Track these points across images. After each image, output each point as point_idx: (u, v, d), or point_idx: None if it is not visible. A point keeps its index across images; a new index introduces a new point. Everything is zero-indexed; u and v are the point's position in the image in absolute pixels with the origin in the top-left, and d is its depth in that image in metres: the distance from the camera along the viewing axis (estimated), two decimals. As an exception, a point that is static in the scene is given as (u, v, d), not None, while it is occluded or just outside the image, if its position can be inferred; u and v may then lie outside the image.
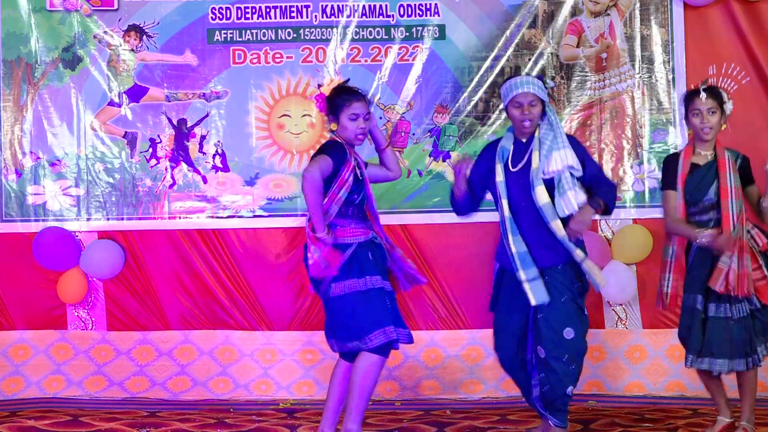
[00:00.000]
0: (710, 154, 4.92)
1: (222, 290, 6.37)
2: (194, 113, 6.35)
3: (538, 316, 4.71)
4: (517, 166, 4.77)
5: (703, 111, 4.87)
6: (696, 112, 4.90)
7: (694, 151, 4.95)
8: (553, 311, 4.69)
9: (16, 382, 6.28)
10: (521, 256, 4.70)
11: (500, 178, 4.77)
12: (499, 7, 6.29)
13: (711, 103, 4.87)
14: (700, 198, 4.89)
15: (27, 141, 6.33)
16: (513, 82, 4.77)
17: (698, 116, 4.89)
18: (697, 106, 4.89)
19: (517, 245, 4.71)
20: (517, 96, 4.72)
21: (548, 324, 4.69)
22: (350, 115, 4.68)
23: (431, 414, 5.71)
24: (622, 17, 6.28)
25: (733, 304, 4.82)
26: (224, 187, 6.34)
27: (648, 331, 6.27)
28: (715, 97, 4.89)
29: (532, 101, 4.72)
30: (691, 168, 4.92)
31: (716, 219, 4.86)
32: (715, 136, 4.90)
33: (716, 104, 4.88)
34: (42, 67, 6.30)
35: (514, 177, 4.77)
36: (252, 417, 5.65)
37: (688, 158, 4.95)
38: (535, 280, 4.68)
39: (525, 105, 4.71)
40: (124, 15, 6.31)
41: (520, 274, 4.69)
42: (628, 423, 5.36)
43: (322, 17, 6.32)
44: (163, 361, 6.33)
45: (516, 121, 4.76)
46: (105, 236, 6.34)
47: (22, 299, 6.34)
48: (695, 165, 4.93)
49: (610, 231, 6.31)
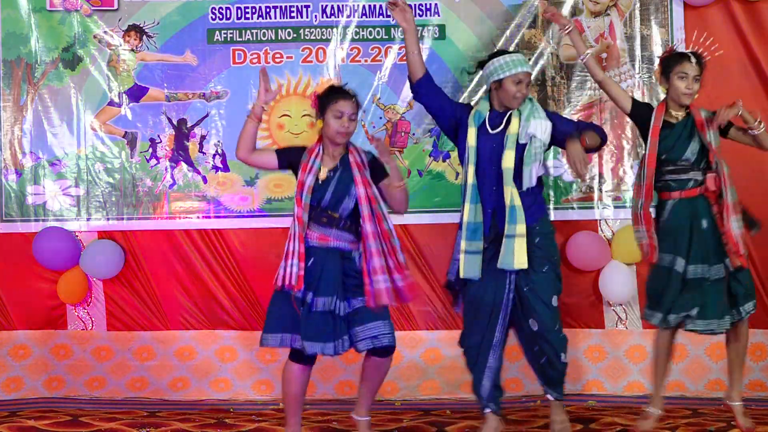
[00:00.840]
0: (681, 114, 4.93)
1: (222, 290, 6.37)
2: (194, 113, 6.35)
3: (524, 289, 4.77)
4: (495, 129, 4.84)
5: (689, 76, 4.87)
6: (683, 75, 4.88)
7: (667, 110, 4.95)
8: (538, 283, 4.78)
9: (16, 382, 6.28)
10: (472, 226, 4.78)
11: (472, 142, 4.83)
12: (499, 7, 6.29)
13: (697, 71, 4.89)
14: (677, 157, 4.89)
15: (27, 141, 6.33)
16: (515, 59, 4.86)
17: (684, 80, 4.88)
18: (685, 69, 4.88)
19: (471, 214, 4.79)
20: (520, 73, 4.83)
21: (536, 295, 4.77)
22: (335, 113, 4.69)
23: (431, 414, 5.72)
24: (622, 17, 6.28)
25: (711, 266, 4.85)
26: (224, 187, 6.34)
27: (648, 331, 6.27)
28: (701, 65, 4.91)
29: (529, 81, 4.88)
30: (663, 125, 4.92)
31: (695, 180, 4.87)
32: (691, 102, 4.91)
33: (700, 72, 4.90)
34: (42, 67, 6.30)
35: (488, 140, 4.83)
36: (252, 417, 5.65)
37: (660, 113, 4.94)
38: (474, 254, 4.75)
39: (524, 82, 4.85)
40: (124, 15, 6.31)
41: (462, 243, 4.76)
42: (628, 423, 5.36)
43: (322, 17, 6.32)
44: (163, 361, 6.33)
45: (510, 93, 4.82)
46: (105, 236, 6.35)
47: (22, 299, 6.34)
48: (668, 122, 4.93)
49: (610, 231, 6.31)
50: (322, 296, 4.63)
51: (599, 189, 6.31)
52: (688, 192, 4.90)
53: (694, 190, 4.90)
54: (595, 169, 6.29)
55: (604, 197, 6.30)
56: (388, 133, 6.32)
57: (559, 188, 6.31)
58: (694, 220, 4.88)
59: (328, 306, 4.63)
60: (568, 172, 6.29)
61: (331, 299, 4.63)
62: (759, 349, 6.20)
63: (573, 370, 6.23)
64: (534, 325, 4.79)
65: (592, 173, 6.30)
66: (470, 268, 4.78)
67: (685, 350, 6.18)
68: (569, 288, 6.30)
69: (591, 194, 6.32)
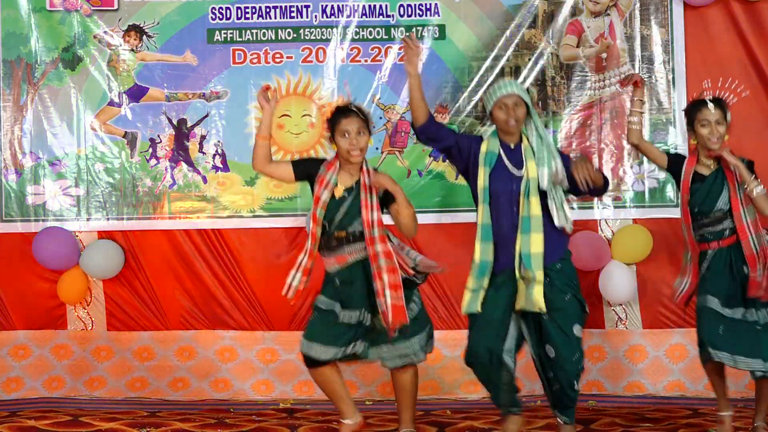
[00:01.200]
0: (713, 163, 4.92)
1: (222, 290, 6.37)
2: (194, 113, 6.35)
3: (543, 317, 4.66)
4: (516, 170, 4.71)
5: (711, 121, 4.85)
6: (705, 122, 4.86)
7: (698, 161, 4.94)
8: (559, 311, 4.66)
9: (16, 382, 6.28)
10: (481, 265, 4.68)
11: (484, 183, 4.70)
12: (499, 7, 6.29)
13: (719, 115, 4.85)
14: (711, 208, 4.87)
15: (27, 141, 6.33)
16: (496, 85, 4.76)
17: (707, 126, 4.85)
18: (705, 117, 4.85)
19: (482, 254, 4.69)
20: (502, 98, 4.69)
21: (555, 325, 4.66)
22: (341, 133, 4.69)
23: (431, 414, 5.71)
24: (622, 17, 6.28)
25: (758, 309, 4.84)
26: (224, 187, 6.34)
27: (648, 331, 6.27)
28: (722, 107, 4.89)
29: (517, 102, 4.69)
30: (694, 177, 4.91)
31: (730, 228, 4.86)
32: (720, 147, 4.88)
33: (722, 115, 4.87)
34: (42, 67, 6.30)
35: (506, 181, 4.70)
36: (252, 417, 5.65)
37: (691, 167, 4.92)
38: (476, 291, 4.67)
39: (510, 105, 4.68)
40: (124, 15, 6.31)
41: (470, 281, 4.68)
42: (628, 423, 5.36)
43: (322, 17, 6.32)
44: (163, 361, 6.33)
45: (501, 122, 4.70)
46: (105, 236, 6.34)
47: (22, 299, 6.34)
48: (699, 175, 4.91)
49: (610, 231, 6.31)
50: (349, 309, 4.70)
51: (599, 189, 6.30)
52: (726, 241, 4.89)
53: (732, 237, 4.88)
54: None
55: (604, 197, 6.29)
56: (388, 133, 6.32)
57: (559, 188, 6.31)
58: (735, 266, 4.87)
59: (355, 319, 4.71)
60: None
61: (360, 312, 4.71)
62: (759, 349, 6.19)
63: (573, 370, 6.24)
64: (551, 352, 4.69)
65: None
66: (472, 304, 4.69)
67: (685, 350, 6.17)
68: (569, 288, 6.31)
69: (591, 194, 6.31)
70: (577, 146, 6.31)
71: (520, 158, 4.72)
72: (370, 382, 6.24)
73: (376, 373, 6.25)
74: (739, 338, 4.82)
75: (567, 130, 6.31)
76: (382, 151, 6.33)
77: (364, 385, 6.23)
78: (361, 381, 6.21)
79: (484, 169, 4.72)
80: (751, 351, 4.81)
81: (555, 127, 6.31)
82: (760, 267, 4.78)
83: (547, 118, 6.30)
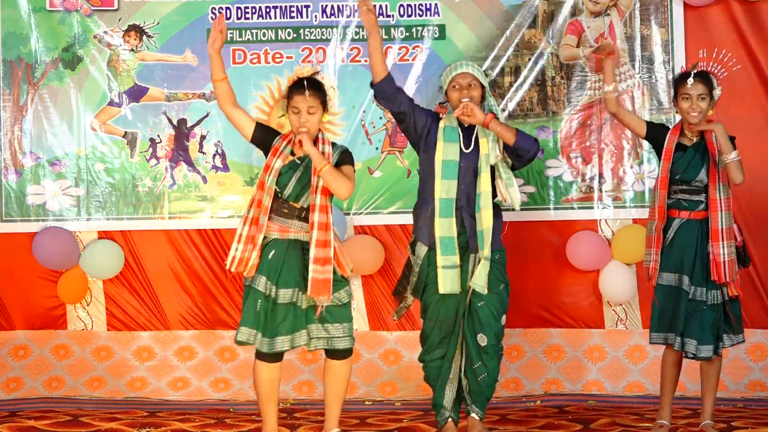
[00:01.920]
0: (696, 136, 4.94)
1: (222, 290, 6.37)
2: (194, 113, 6.35)
3: (479, 304, 4.74)
4: (468, 149, 4.78)
5: (692, 96, 4.86)
6: (685, 96, 4.88)
7: (682, 132, 4.96)
8: (492, 299, 4.75)
9: (16, 382, 6.28)
10: (446, 241, 4.71)
11: (447, 156, 4.74)
12: (499, 7, 6.29)
13: (701, 89, 4.86)
14: (692, 177, 4.89)
15: (27, 141, 6.33)
16: (450, 66, 4.82)
17: (687, 100, 4.87)
18: (686, 91, 4.87)
19: (445, 229, 4.72)
20: (456, 77, 4.76)
21: (488, 311, 4.75)
22: (292, 108, 4.63)
23: (431, 414, 5.70)
24: (622, 17, 6.28)
25: (709, 289, 4.85)
26: (224, 187, 6.34)
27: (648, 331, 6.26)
28: (706, 82, 4.89)
29: (471, 82, 4.75)
30: (676, 147, 4.92)
31: (705, 203, 4.88)
32: (701, 120, 4.89)
33: (706, 90, 4.88)
34: (42, 67, 6.30)
35: (462, 156, 4.78)
36: (252, 417, 5.65)
37: (674, 135, 4.95)
38: (452, 269, 4.69)
39: (464, 85, 4.74)
40: (124, 15, 6.31)
41: (439, 258, 4.69)
42: (628, 423, 5.35)
43: (322, 17, 6.32)
44: (163, 361, 6.33)
45: (454, 102, 4.77)
46: (105, 236, 6.34)
47: (22, 299, 6.34)
48: (681, 145, 4.93)
49: (610, 231, 6.31)
50: (284, 288, 4.57)
51: (599, 189, 6.31)
52: (697, 214, 4.90)
53: (704, 212, 4.89)
54: (595, 169, 6.29)
55: (604, 197, 6.30)
56: (388, 133, 6.32)
57: (559, 188, 6.31)
58: (700, 242, 4.89)
59: (290, 298, 4.57)
60: (568, 172, 6.30)
61: (294, 291, 4.57)
62: (759, 349, 6.19)
63: (573, 370, 6.25)
64: (483, 340, 4.76)
65: (592, 173, 6.30)
66: (449, 283, 4.71)
67: (685, 350, 6.17)
68: (569, 288, 6.32)
69: (591, 194, 6.32)
70: (577, 146, 6.31)
71: (469, 137, 4.79)
72: (370, 382, 6.24)
73: (376, 373, 6.26)
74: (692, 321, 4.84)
75: (567, 130, 6.31)
76: (382, 151, 6.33)
77: (364, 385, 6.23)
78: (361, 381, 6.21)
79: (447, 143, 4.77)
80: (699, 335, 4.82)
81: (555, 127, 6.31)
82: (722, 246, 4.79)
83: (547, 118, 6.30)
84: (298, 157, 4.64)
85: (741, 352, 6.13)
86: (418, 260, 4.86)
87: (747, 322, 5.69)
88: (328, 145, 4.65)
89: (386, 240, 6.33)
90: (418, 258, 4.86)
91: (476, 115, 4.68)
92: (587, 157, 6.30)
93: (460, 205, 4.77)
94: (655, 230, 4.93)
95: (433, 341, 4.87)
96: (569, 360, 6.29)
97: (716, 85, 4.94)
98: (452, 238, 4.73)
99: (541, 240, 6.33)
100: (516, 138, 4.72)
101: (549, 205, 6.28)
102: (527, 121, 6.29)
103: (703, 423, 4.95)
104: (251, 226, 4.58)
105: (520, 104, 6.29)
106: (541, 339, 6.30)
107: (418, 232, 4.87)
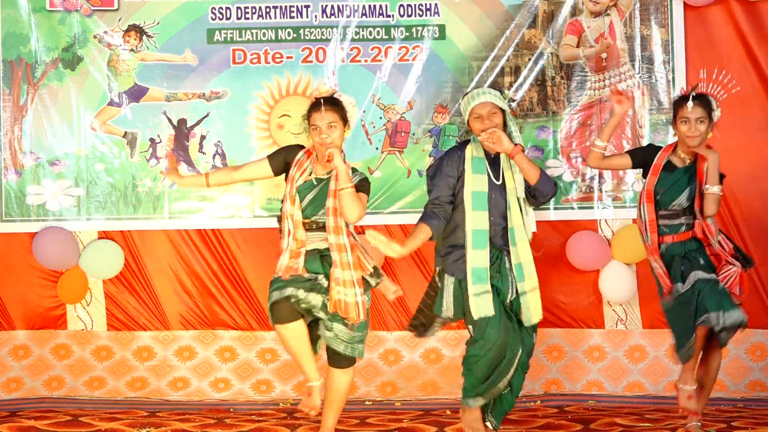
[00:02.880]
0: (689, 159, 4.93)
1: (222, 290, 6.37)
2: (194, 113, 6.35)
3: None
4: (499, 180, 4.73)
5: (691, 119, 4.85)
6: (684, 119, 4.87)
7: (674, 151, 4.95)
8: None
9: (16, 382, 6.28)
10: (478, 272, 4.64)
11: (477, 188, 4.68)
12: (499, 7, 6.29)
13: (700, 113, 4.84)
14: (671, 199, 4.90)
15: (27, 141, 6.33)
16: (469, 95, 4.75)
17: (686, 124, 4.87)
18: (686, 114, 4.86)
19: (477, 260, 4.65)
20: (476, 107, 4.70)
21: (526, 329, 4.73)
22: (312, 126, 4.68)
23: (431, 414, 5.71)
24: (622, 17, 6.28)
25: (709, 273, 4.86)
26: (224, 187, 6.34)
27: (648, 331, 6.28)
28: (704, 105, 4.86)
29: (492, 110, 4.68)
30: (665, 166, 4.92)
31: (687, 224, 4.89)
32: (700, 144, 4.88)
33: (705, 113, 4.85)
34: (42, 67, 6.30)
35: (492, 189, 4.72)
36: (252, 417, 5.65)
37: (666, 153, 4.95)
38: (485, 294, 4.63)
39: (484, 115, 4.68)
40: (124, 15, 6.31)
41: (471, 288, 4.63)
42: (628, 423, 5.36)
43: (322, 17, 6.32)
44: (163, 361, 6.33)
45: (477, 132, 4.70)
46: (105, 236, 6.35)
47: (22, 299, 6.34)
48: (671, 164, 4.93)
49: (610, 231, 6.31)
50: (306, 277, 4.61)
51: (599, 189, 6.31)
52: (681, 236, 4.93)
53: (687, 233, 4.92)
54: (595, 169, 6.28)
55: (604, 197, 6.30)
56: (388, 133, 6.32)
57: (559, 188, 6.31)
58: (689, 253, 4.90)
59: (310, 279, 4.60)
60: (568, 171, 6.31)
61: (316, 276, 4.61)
62: (759, 349, 6.20)
63: (573, 370, 6.25)
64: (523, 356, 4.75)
65: (592, 173, 6.30)
66: (483, 308, 4.63)
67: (685, 350, 6.17)
68: (569, 288, 6.32)
69: (591, 194, 6.32)
70: (577, 146, 6.31)
71: (496, 169, 4.74)
72: (370, 382, 6.24)
73: (376, 373, 6.26)
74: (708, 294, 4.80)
75: (567, 130, 6.32)
76: (382, 151, 6.33)
77: (364, 385, 6.23)
78: (361, 381, 6.21)
79: (477, 175, 4.71)
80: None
81: (555, 127, 6.31)
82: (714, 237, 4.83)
83: (547, 118, 6.30)
84: (315, 178, 4.68)
85: (741, 352, 6.14)
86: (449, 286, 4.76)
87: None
88: (349, 168, 4.68)
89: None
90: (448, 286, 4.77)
91: (503, 143, 4.63)
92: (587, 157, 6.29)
93: (494, 240, 4.71)
94: (651, 242, 4.95)
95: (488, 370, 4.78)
96: (569, 360, 6.29)
97: (715, 107, 4.92)
98: (484, 269, 4.66)
99: (541, 240, 6.32)
100: (538, 179, 4.67)
101: (549, 205, 6.28)
102: (527, 121, 6.29)
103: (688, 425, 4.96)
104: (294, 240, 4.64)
105: (520, 104, 6.29)
106: (541, 339, 6.29)
107: (446, 265, 4.76)
